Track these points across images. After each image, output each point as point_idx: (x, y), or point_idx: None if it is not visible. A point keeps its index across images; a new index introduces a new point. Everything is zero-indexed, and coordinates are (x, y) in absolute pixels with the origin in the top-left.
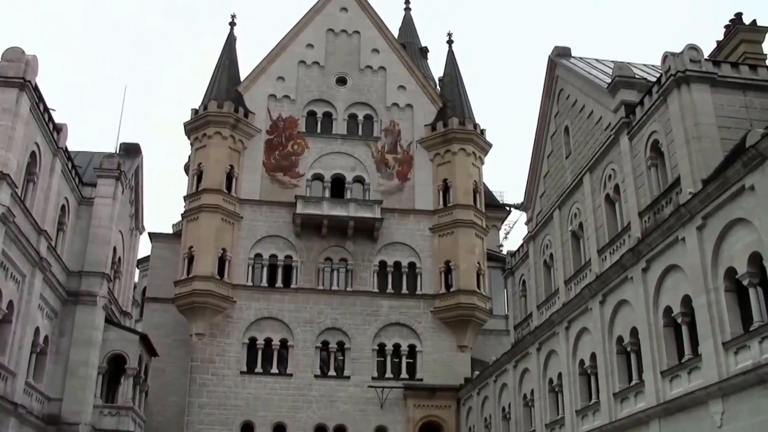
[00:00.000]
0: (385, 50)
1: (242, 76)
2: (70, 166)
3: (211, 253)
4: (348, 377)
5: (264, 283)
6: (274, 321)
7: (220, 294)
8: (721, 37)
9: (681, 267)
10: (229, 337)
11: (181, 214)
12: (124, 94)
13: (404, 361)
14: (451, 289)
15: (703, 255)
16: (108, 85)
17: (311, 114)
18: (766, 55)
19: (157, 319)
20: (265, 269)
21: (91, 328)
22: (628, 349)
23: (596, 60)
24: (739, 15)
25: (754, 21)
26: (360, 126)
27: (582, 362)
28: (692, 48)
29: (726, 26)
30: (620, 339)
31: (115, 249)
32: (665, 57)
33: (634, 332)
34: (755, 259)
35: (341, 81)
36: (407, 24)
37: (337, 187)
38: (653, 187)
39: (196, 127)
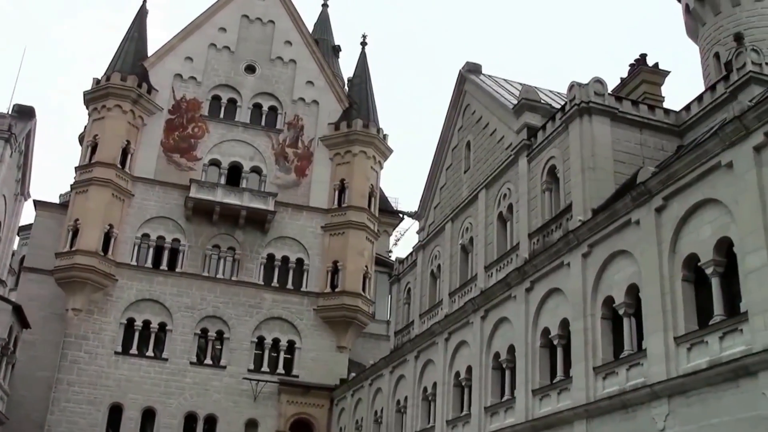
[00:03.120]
0: (298, 43)
1: (150, 52)
2: None
3: (97, 228)
4: (224, 367)
5: (148, 264)
6: (155, 303)
7: (102, 271)
8: (625, 74)
9: (563, 291)
10: (106, 315)
11: (71, 185)
12: (23, 55)
13: (282, 356)
14: (337, 289)
15: (585, 281)
16: (8, 45)
17: (216, 98)
18: (664, 97)
19: (34, 290)
20: (151, 250)
21: None
22: (504, 365)
23: (505, 80)
24: (643, 56)
25: (657, 64)
26: (264, 116)
27: (458, 374)
28: (597, 81)
29: (631, 65)
30: (497, 355)
31: None
32: (571, 86)
33: (511, 349)
34: (632, 290)
35: (250, 69)
36: (323, 20)
37: (234, 175)
38: (545, 210)
39: (96, 97)
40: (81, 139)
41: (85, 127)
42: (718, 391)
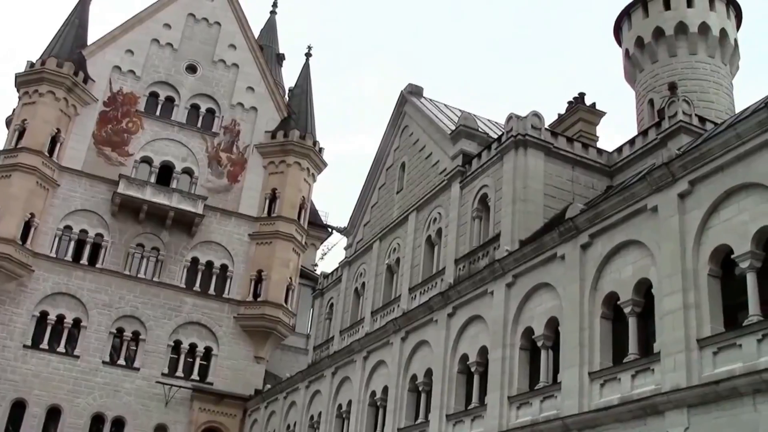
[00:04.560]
0: (242, 48)
1: (90, 40)
2: None
3: (17, 216)
4: (137, 369)
5: (68, 257)
6: (71, 298)
7: (18, 260)
8: (563, 111)
9: (484, 319)
10: (18, 306)
11: None
12: None
13: (198, 362)
14: (259, 299)
15: (507, 311)
16: None
17: (153, 95)
18: (598, 137)
19: None
20: (72, 243)
21: None
22: (420, 388)
23: (445, 105)
24: (582, 95)
25: (594, 104)
26: (200, 118)
27: (374, 393)
28: (535, 115)
29: (569, 102)
30: (414, 377)
31: None
32: (510, 118)
33: (428, 373)
34: (552, 323)
35: (191, 68)
36: (270, 27)
37: (165, 174)
38: (474, 237)
39: (28, 80)
40: (8, 122)
41: (14, 110)
42: (627, 427)
